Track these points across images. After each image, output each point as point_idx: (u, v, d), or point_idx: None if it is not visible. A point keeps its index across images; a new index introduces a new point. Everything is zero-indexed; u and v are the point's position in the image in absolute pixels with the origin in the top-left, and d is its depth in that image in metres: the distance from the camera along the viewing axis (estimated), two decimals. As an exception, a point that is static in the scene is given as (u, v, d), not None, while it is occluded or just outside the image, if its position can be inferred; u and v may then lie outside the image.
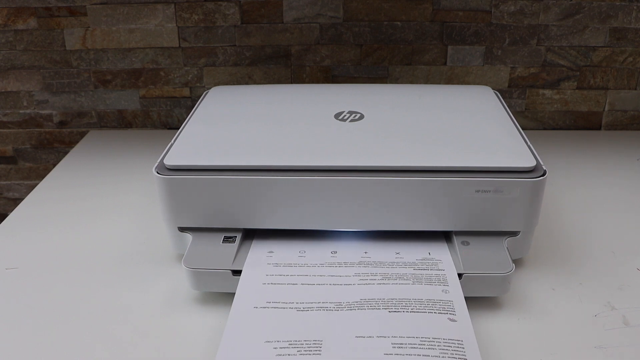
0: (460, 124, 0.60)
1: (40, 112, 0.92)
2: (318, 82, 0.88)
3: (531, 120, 0.90)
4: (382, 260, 0.53)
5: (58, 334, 0.50)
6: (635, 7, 0.81)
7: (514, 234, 0.54)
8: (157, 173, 0.53)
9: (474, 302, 0.51)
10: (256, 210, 0.54)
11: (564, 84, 0.87)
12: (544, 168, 0.52)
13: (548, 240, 0.62)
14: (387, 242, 0.55)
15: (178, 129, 0.61)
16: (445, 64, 0.86)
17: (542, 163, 0.53)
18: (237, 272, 0.52)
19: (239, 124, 0.60)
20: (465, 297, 0.49)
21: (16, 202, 0.96)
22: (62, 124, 0.93)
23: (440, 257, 0.53)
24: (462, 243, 0.54)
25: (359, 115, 0.61)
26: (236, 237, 0.55)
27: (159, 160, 0.54)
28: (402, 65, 0.86)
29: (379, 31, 0.84)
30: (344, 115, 0.61)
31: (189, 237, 0.55)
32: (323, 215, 0.54)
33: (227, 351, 0.43)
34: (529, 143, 0.56)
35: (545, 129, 0.91)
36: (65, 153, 0.87)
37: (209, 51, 0.87)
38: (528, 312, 0.52)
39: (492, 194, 0.52)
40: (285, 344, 0.44)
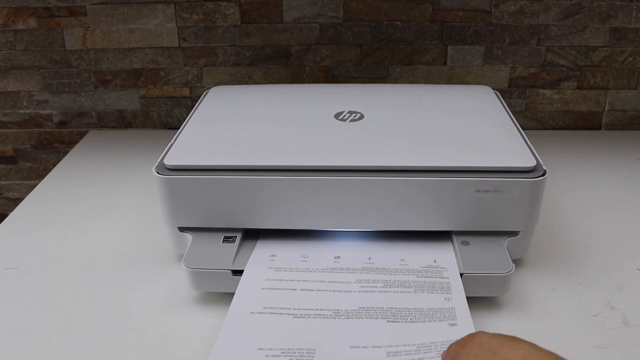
0: (461, 124, 0.60)
1: (40, 112, 0.92)
2: (318, 82, 0.88)
3: (531, 120, 0.90)
4: (386, 266, 0.52)
5: (58, 334, 0.50)
6: (635, 7, 0.81)
7: (514, 234, 0.54)
8: (157, 173, 0.53)
9: (474, 302, 0.51)
10: (256, 210, 0.54)
11: (564, 83, 0.87)
12: (544, 168, 0.52)
13: (548, 240, 0.62)
14: (393, 247, 0.55)
15: (178, 129, 0.61)
16: (445, 64, 0.86)
17: (542, 163, 0.53)
18: (237, 272, 0.51)
19: (239, 124, 0.60)
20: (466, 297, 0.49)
21: (16, 202, 0.96)
22: (62, 124, 0.93)
23: (446, 264, 0.52)
24: (462, 243, 0.54)
25: (359, 115, 0.61)
26: (236, 237, 0.55)
27: (159, 160, 0.54)
28: (402, 65, 0.86)
29: (379, 31, 0.84)
30: (344, 115, 0.61)
31: (189, 237, 0.55)
32: (323, 216, 0.54)
33: (218, 357, 0.43)
34: (529, 143, 0.56)
35: (545, 129, 0.91)
36: (65, 153, 0.87)
37: (209, 51, 0.87)
38: (528, 312, 0.52)
39: (492, 194, 0.52)
40: (278, 352, 0.43)
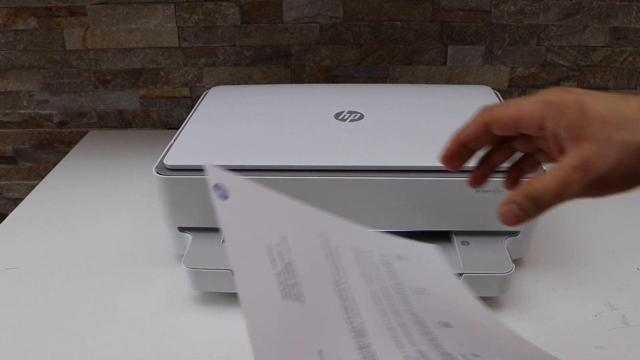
0: (461, 124, 0.60)
1: (40, 112, 0.92)
2: (318, 82, 0.88)
3: (531, 120, 0.90)
4: None
5: (58, 334, 0.50)
6: (635, 7, 0.81)
7: (514, 234, 0.54)
8: (157, 173, 0.53)
9: (474, 302, 0.51)
10: (256, 210, 0.54)
11: (564, 83, 0.87)
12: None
13: (548, 240, 0.62)
14: None
15: (178, 129, 0.61)
16: (445, 64, 0.86)
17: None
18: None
19: (239, 124, 0.60)
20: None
21: (16, 202, 0.96)
22: (62, 124, 0.93)
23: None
24: (462, 243, 0.54)
25: (358, 115, 0.61)
26: (236, 237, 0.55)
27: (158, 160, 0.54)
28: (402, 65, 0.86)
29: (379, 31, 0.84)
30: (344, 115, 0.61)
31: (189, 237, 0.55)
32: (323, 215, 0.54)
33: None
34: (529, 143, 0.56)
35: (545, 129, 0.91)
36: (65, 153, 0.87)
37: (209, 51, 0.87)
38: (528, 312, 0.52)
39: (492, 194, 0.52)
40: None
